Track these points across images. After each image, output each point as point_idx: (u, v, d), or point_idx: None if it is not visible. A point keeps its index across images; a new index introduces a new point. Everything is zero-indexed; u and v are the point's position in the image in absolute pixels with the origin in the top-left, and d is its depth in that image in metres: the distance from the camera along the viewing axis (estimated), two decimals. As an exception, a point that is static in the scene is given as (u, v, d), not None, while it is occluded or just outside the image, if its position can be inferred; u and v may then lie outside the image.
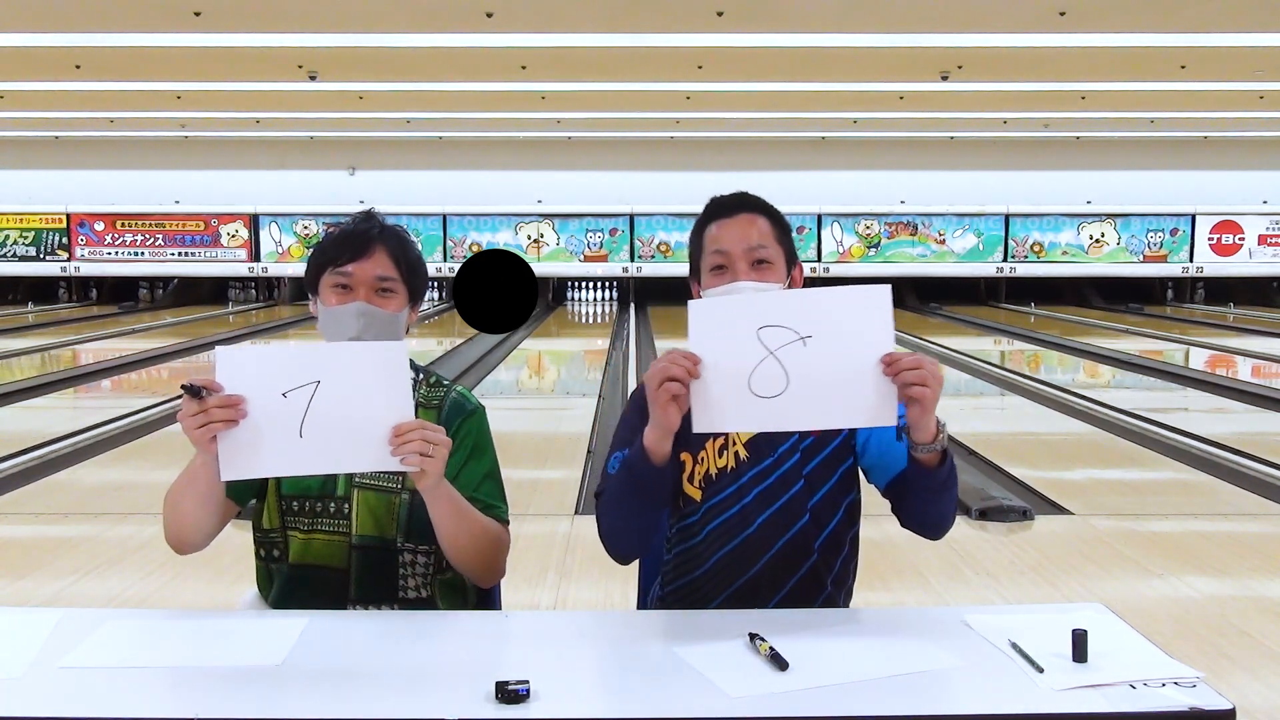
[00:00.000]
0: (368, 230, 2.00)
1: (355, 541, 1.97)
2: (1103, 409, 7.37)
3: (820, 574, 1.94)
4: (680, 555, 1.99)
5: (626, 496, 1.82)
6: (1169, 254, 17.50)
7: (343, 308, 1.95)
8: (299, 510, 1.99)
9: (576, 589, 3.68)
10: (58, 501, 4.98)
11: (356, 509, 1.97)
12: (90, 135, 17.13)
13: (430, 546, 1.97)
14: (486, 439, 2.04)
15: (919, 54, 10.86)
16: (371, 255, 1.97)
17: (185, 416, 1.71)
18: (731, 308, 1.75)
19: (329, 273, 1.98)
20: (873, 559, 3.83)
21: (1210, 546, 4.22)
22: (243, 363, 1.77)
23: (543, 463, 5.76)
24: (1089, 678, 1.47)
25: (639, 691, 1.47)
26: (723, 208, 1.99)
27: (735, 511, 1.93)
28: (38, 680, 1.49)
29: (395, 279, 1.99)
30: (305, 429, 1.74)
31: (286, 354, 1.80)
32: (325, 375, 1.75)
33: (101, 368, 9.95)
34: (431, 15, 9.34)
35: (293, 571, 1.99)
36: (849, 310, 1.70)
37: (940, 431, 1.75)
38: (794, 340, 1.68)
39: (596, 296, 18.11)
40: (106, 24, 9.67)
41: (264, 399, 1.74)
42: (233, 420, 1.71)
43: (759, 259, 1.93)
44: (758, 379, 1.68)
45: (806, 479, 1.93)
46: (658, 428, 1.73)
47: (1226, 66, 11.50)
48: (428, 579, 1.99)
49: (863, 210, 17.46)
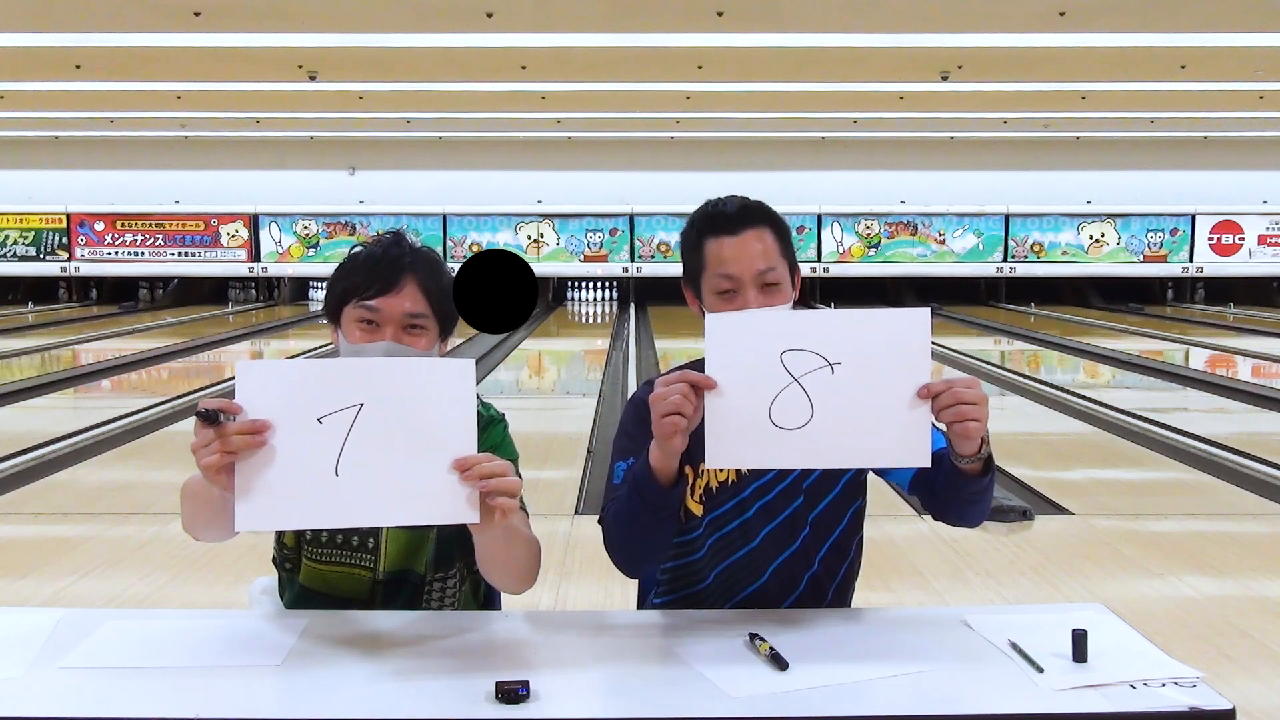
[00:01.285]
0: (398, 258, 1.80)
1: (381, 577, 1.84)
2: (1103, 409, 7.37)
3: (822, 584, 1.91)
4: (680, 569, 1.94)
5: (636, 516, 1.72)
6: (1169, 254, 17.50)
7: (369, 347, 1.77)
8: (314, 540, 1.85)
9: (576, 589, 3.67)
10: (58, 501, 4.98)
11: (385, 545, 1.83)
12: (90, 135, 17.12)
13: (455, 568, 1.88)
14: (509, 446, 1.90)
15: (919, 54, 10.85)
16: (401, 289, 1.78)
17: (199, 446, 1.49)
18: (754, 326, 1.60)
19: (354, 304, 1.79)
20: (873, 559, 3.82)
21: (1210, 546, 4.22)
22: (268, 380, 1.50)
23: (543, 463, 5.76)
24: (1089, 678, 1.47)
25: (639, 691, 1.47)
26: (726, 220, 1.83)
27: (737, 525, 1.88)
28: (38, 680, 1.49)
29: (426, 315, 1.80)
30: (342, 468, 1.47)
31: (323, 370, 1.51)
32: (371, 397, 1.48)
33: (101, 368, 9.95)
34: (431, 15, 9.33)
35: (304, 592, 1.89)
36: (883, 335, 1.57)
37: (985, 441, 1.64)
38: (821, 366, 1.55)
39: (596, 296, 18.11)
40: (106, 24, 9.67)
41: (293, 425, 1.47)
42: (256, 448, 1.47)
43: (768, 282, 1.80)
44: (779, 408, 1.55)
45: (806, 492, 1.87)
46: (663, 452, 1.63)
47: (1226, 66, 11.50)
48: (457, 595, 1.90)
49: (863, 210, 17.46)
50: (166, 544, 4.12)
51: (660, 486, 1.67)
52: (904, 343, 1.57)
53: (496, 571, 1.76)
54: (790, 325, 1.59)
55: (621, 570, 1.85)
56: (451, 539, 1.80)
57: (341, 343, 1.83)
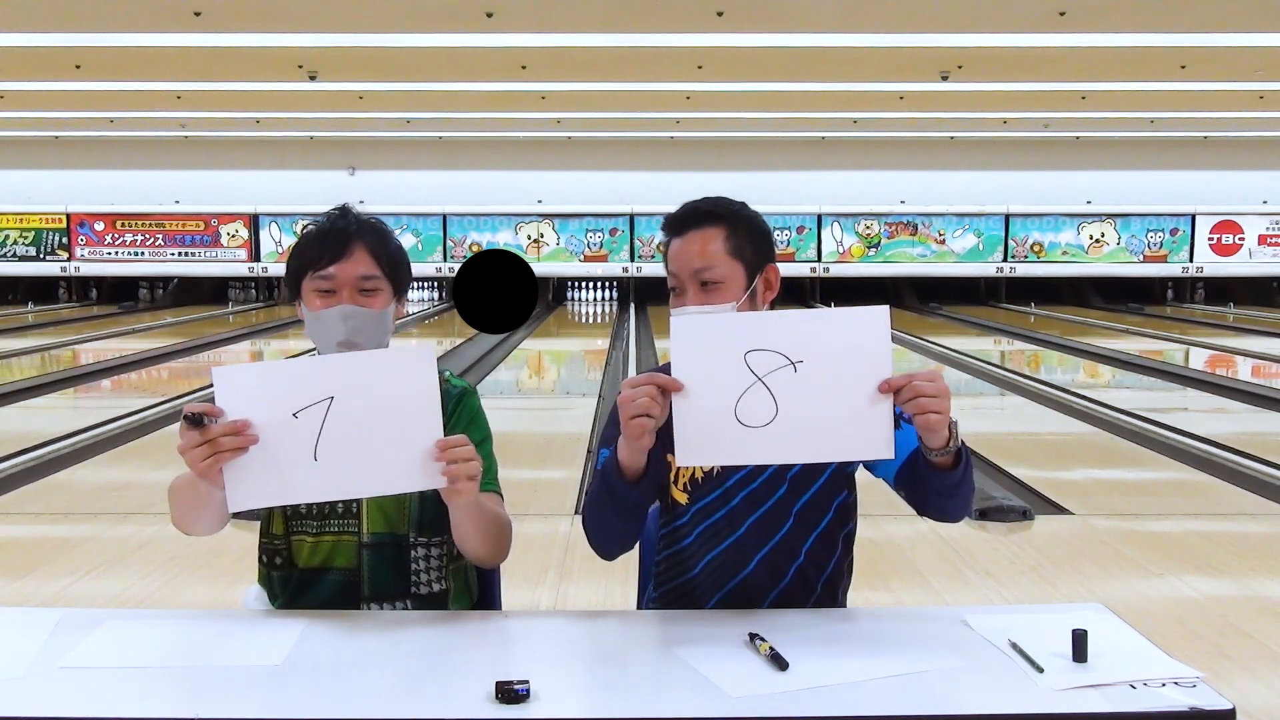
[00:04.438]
0: (345, 228, 1.94)
1: (366, 540, 1.93)
2: (1103, 409, 7.37)
3: (809, 576, 1.92)
4: (671, 558, 1.97)
5: (605, 506, 1.80)
6: (1169, 254, 17.50)
7: (327, 311, 1.90)
8: (306, 514, 1.94)
9: (576, 589, 3.67)
10: (58, 501, 4.98)
11: (367, 507, 1.93)
12: (90, 135, 17.13)
13: (443, 537, 1.95)
14: (481, 418, 2.00)
15: (919, 54, 10.86)
16: (352, 254, 1.91)
17: (187, 449, 1.62)
18: (717, 328, 1.64)
19: (310, 276, 1.93)
20: (873, 559, 3.83)
21: (1210, 546, 4.22)
22: (243, 383, 1.64)
23: (543, 463, 5.76)
24: (1089, 678, 1.47)
25: (639, 691, 1.47)
26: (676, 222, 1.91)
27: (723, 514, 1.91)
28: (38, 680, 1.49)
29: (378, 276, 1.93)
30: (320, 451, 1.60)
31: (293, 369, 1.65)
32: (340, 389, 1.60)
33: (101, 368, 9.95)
34: (431, 15, 9.34)
35: (303, 575, 1.95)
36: (844, 333, 1.61)
37: (953, 434, 1.67)
38: (784, 365, 1.59)
39: (596, 296, 18.12)
40: (106, 24, 9.67)
41: (271, 421, 1.60)
42: (242, 448, 1.61)
43: (705, 280, 1.85)
44: (745, 407, 1.60)
45: (790, 483, 1.89)
46: (631, 450, 1.69)
47: (1226, 66, 11.50)
48: (442, 571, 1.96)
49: (863, 210, 17.46)
50: (166, 544, 4.12)
51: (626, 482, 1.74)
52: (864, 339, 1.60)
53: (470, 542, 1.88)
54: (753, 326, 1.63)
55: (597, 553, 1.92)
56: (434, 501, 1.87)
57: (305, 313, 1.96)
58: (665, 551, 1.98)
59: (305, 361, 1.68)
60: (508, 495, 2.00)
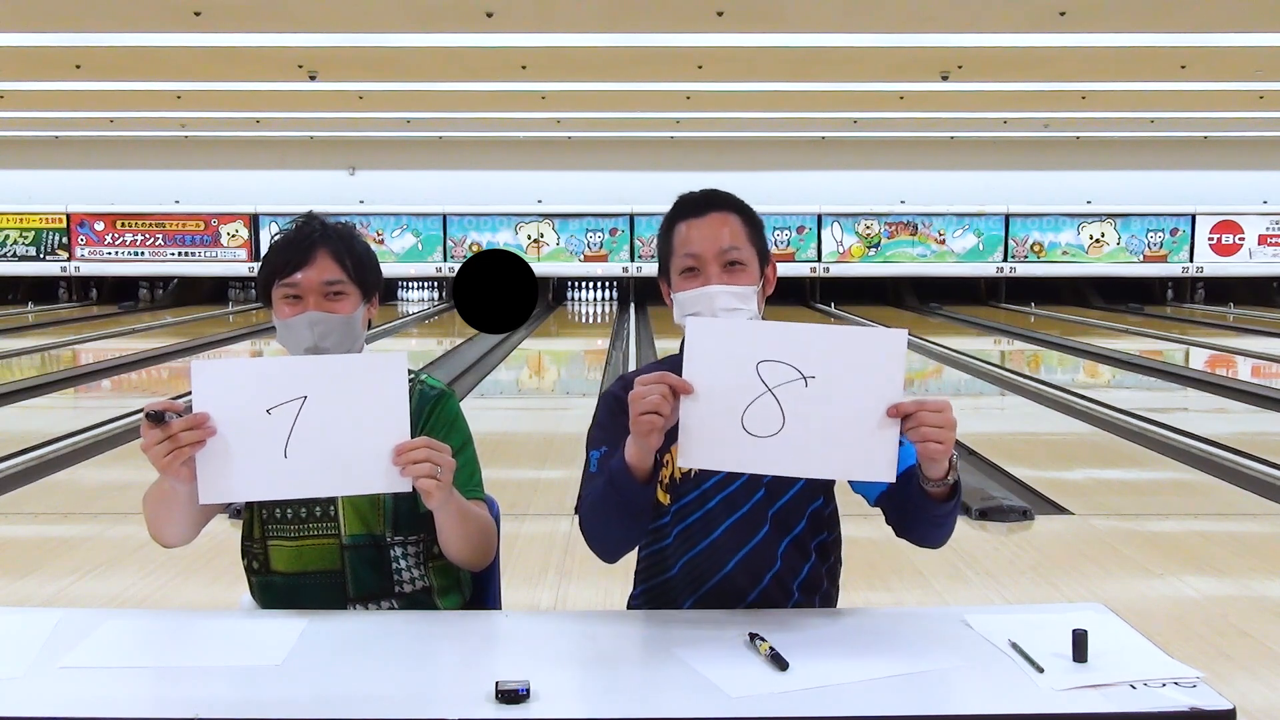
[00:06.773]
0: (309, 235, 1.95)
1: (346, 542, 1.94)
2: (1103, 409, 7.37)
3: (785, 581, 1.91)
4: (651, 557, 1.98)
5: (610, 508, 1.78)
6: (1169, 254, 17.50)
7: (295, 319, 1.91)
8: (282, 518, 1.95)
9: (576, 589, 3.67)
10: (58, 501, 4.98)
11: (343, 510, 1.94)
12: (90, 135, 17.12)
13: (419, 535, 1.97)
14: (461, 422, 2.01)
15: (919, 54, 10.86)
16: (315, 261, 1.92)
17: (149, 446, 1.65)
18: (733, 333, 1.65)
19: (277, 284, 1.94)
20: (873, 559, 3.83)
21: (1210, 546, 4.22)
22: (221, 377, 1.68)
23: (543, 463, 5.76)
24: (1089, 678, 1.47)
25: (639, 691, 1.47)
26: (692, 206, 1.92)
27: (699, 516, 1.91)
28: (38, 680, 1.49)
29: (343, 280, 1.94)
30: (290, 449, 1.64)
31: (270, 367, 1.70)
32: (313, 390, 1.64)
33: (101, 368, 9.95)
34: (431, 15, 9.33)
35: (287, 580, 1.95)
36: (859, 353, 1.61)
37: (953, 467, 1.67)
38: (795, 379, 1.59)
39: (596, 296, 18.11)
40: (106, 24, 9.67)
41: (245, 416, 1.63)
42: (201, 441, 1.64)
43: (731, 260, 1.87)
44: (752, 416, 1.60)
45: (767, 487, 1.89)
46: (639, 449, 1.68)
47: (1226, 66, 11.50)
48: (423, 569, 1.99)
49: (863, 210, 17.46)
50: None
51: (634, 482, 1.72)
52: (878, 362, 1.61)
53: (451, 545, 1.89)
54: (768, 336, 1.63)
55: (599, 557, 1.90)
56: (407, 500, 1.88)
57: (275, 320, 1.98)
58: (645, 551, 1.99)
59: (282, 360, 1.73)
60: (508, 495, 2.00)
